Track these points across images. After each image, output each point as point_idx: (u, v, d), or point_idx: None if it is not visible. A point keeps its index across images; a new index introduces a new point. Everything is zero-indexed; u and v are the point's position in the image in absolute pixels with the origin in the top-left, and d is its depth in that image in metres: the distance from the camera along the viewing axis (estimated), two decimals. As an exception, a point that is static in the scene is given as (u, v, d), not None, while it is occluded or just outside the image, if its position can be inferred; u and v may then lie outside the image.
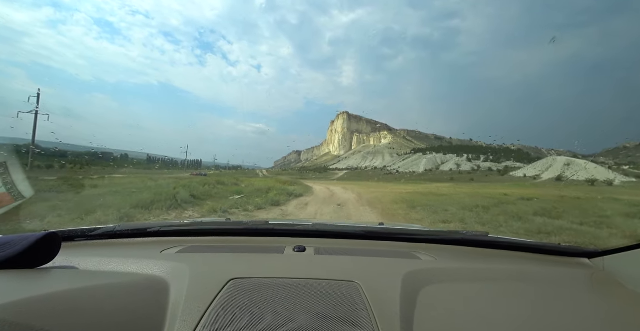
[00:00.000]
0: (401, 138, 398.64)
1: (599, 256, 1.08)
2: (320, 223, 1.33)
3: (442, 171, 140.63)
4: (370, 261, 0.97)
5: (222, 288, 0.72)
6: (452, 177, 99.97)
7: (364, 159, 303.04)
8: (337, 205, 10.91)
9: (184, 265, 0.83)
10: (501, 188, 31.73)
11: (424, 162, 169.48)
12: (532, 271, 1.01)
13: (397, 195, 16.05)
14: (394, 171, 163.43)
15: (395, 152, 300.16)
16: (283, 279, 0.79)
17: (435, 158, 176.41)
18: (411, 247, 1.18)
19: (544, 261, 1.12)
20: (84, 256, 0.92)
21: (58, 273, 0.73)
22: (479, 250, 1.19)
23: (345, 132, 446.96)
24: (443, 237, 1.28)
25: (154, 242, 1.13)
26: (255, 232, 1.24)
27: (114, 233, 1.13)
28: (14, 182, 2.45)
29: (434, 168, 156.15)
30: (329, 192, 18.02)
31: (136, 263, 0.85)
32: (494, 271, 0.98)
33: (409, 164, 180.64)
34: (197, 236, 1.21)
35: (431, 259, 1.03)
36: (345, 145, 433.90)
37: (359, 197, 15.14)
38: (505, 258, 1.15)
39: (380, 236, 1.26)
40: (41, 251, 0.72)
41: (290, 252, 1.02)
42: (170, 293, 0.71)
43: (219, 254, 1.00)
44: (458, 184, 48.73)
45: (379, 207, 10.87)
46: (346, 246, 1.15)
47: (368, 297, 0.72)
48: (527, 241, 1.28)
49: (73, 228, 1.15)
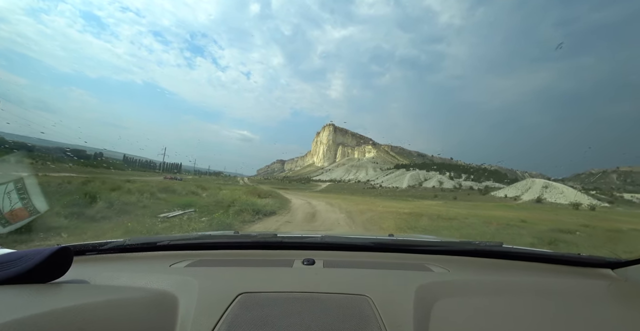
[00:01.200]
0: (385, 153, 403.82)
1: (622, 266, 1.05)
2: (329, 236, 1.29)
3: (425, 187, 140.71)
4: (381, 273, 0.95)
5: (232, 302, 0.71)
6: (435, 194, 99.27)
7: (348, 172, 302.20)
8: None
9: (193, 279, 0.83)
10: (495, 210, 29.57)
11: (408, 178, 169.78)
12: (551, 282, 0.96)
13: (396, 216, 12.90)
14: (377, 185, 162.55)
15: (379, 166, 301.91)
16: (292, 293, 0.77)
17: (418, 174, 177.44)
18: (423, 258, 1.15)
19: (563, 272, 1.08)
20: (94, 270, 0.93)
21: (69, 288, 0.73)
22: (493, 261, 1.15)
23: (331, 143, 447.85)
24: (456, 248, 1.24)
25: (163, 256, 1.12)
26: (263, 245, 1.22)
27: (124, 247, 1.13)
28: (30, 197, 2.42)
29: (417, 184, 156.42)
30: (310, 208, 14.59)
31: (145, 278, 0.85)
32: (510, 283, 0.95)
33: (392, 179, 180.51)
34: (205, 249, 1.20)
35: (444, 271, 1.00)
36: (329, 157, 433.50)
37: (348, 217, 11.84)
38: (521, 269, 1.11)
39: (391, 248, 1.23)
40: (54, 265, 0.73)
41: (299, 265, 1.00)
42: (179, 307, 0.70)
43: (227, 268, 0.99)
44: (447, 202, 46.65)
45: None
46: (356, 258, 1.12)
47: (380, 311, 0.70)
48: (545, 251, 1.24)
49: (85, 243, 1.14)
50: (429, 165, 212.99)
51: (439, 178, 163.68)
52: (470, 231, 9.47)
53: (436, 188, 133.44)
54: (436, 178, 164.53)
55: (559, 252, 1.20)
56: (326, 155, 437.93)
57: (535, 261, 1.17)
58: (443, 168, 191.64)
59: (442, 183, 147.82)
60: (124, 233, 5.51)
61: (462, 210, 21.79)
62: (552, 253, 1.20)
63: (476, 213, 19.30)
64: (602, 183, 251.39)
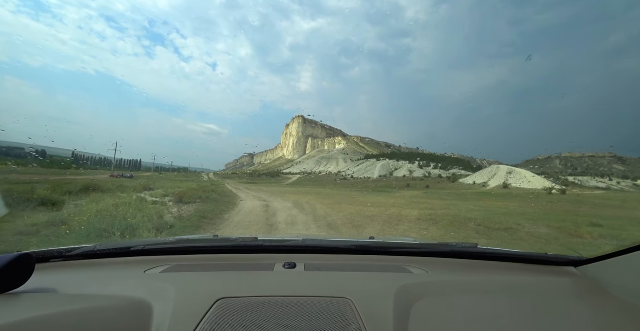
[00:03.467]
0: (355, 144, 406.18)
1: (585, 264, 1.11)
2: (310, 239, 1.29)
3: (396, 177, 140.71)
4: (362, 276, 0.97)
5: (210, 308, 0.70)
6: (407, 183, 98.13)
7: (318, 164, 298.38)
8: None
9: (169, 285, 0.81)
10: (489, 201, 26.06)
11: (379, 168, 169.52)
12: (521, 281, 1.03)
13: (421, 232, 7.64)
14: (348, 176, 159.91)
15: (350, 157, 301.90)
16: (273, 297, 0.77)
17: (388, 164, 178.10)
18: (403, 260, 1.18)
19: (532, 271, 1.14)
20: (60, 278, 0.88)
21: (32, 298, 0.68)
22: (469, 262, 1.20)
23: (300, 136, 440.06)
24: (434, 249, 1.27)
25: (137, 262, 1.08)
26: (244, 249, 1.19)
27: (94, 253, 1.06)
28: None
29: (387, 174, 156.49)
30: (265, 218, 8.82)
31: (118, 285, 0.82)
32: (484, 282, 1.00)
33: (363, 170, 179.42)
34: (183, 254, 1.16)
35: (423, 272, 1.03)
36: (299, 150, 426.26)
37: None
38: (495, 269, 1.16)
39: (372, 250, 1.24)
40: (13, 274, 0.68)
41: (280, 269, 1.00)
42: (154, 315, 0.68)
43: (206, 273, 0.96)
44: (427, 193, 43.35)
45: None
46: (337, 261, 1.14)
47: (360, 313, 0.71)
48: (515, 251, 1.29)
49: (49, 249, 1.06)
50: (397, 155, 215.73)
51: (409, 167, 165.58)
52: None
53: (407, 177, 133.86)
54: (406, 167, 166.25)
55: (529, 252, 1.26)
56: (296, 148, 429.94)
57: (508, 261, 1.21)
58: (412, 157, 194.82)
59: (412, 172, 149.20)
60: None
61: (467, 204, 17.43)
62: (523, 253, 1.25)
63: (478, 206, 14.85)
64: (547, 168, 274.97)
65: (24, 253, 0.70)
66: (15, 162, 36.92)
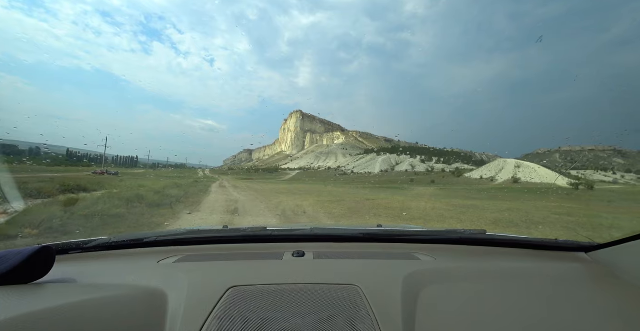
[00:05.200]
0: (354, 139, 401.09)
1: (596, 249, 1.10)
2: (318, 228, 1.31)
3: (397, 172, 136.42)
4: (370, 263, 0.98)
5: (222, 296, 0.72)
6: (411, 178, 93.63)
7: (317, 159, 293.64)
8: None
9: (182, 275, 0.83)
10: (524, 199, 21.33)
11: (380, 163, 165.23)
12: (531, 267, 1.03)
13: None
14: (349, 171, 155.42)
15: (348, 152, 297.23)
16: (283, 285, 0.79)
17: (389, 158, 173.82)
18: (410, 248, 1.19)
19: (542, 257, 1.14)
20: (79, 269, 0.92)
21: (53, 288, 0.72)
22: (477, 249, 1.20)
23: (299, 131, 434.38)
24: (441, 236, 1.27)
25: (151, 252, 1.11)
26: (253, 238, 1.22)
27: (110, 245, 1.10)
28: (5, 195, 2.16)
29: (389, 169, 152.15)
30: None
31: (133, 275, 0.85)
32: (493, 269, 1.00)
33: (363, 165, 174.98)
34: (194, 245, 1.19)
35: (431, 259, 1.04)
36: (298, 145, 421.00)
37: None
38: (504, 255, 1.15)
39: (379, 238, 1.25)
40: (35, 265, 0.71)
41: (289, 258, 1.01)
42: (169, 303, 0.70)
43: (217, 262, 0.99)
44: (442, 190, 38.58)
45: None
46: (345, 249, 1.16)
47: (369, 300, 0.72)
48: (525, 237, 1.28)
49: (67, 241, 1.11)
50: (398, 150, 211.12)
51: (411, 161, 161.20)
52: None
53: (409, 172, 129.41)
54: (407, 162, 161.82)
55: (538, 238, 1.25)
56: (294, 143, 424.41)
57: (517, 247, 1.21)
58: (413, 151, 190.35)
59: (414, 167, 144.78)
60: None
61: (506, 204, 12.61)
62: (532, 239, 1.24)
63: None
64: (548, 161, 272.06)
65: (45, 246, 0.73)
66: (9, 160, 33.07)
